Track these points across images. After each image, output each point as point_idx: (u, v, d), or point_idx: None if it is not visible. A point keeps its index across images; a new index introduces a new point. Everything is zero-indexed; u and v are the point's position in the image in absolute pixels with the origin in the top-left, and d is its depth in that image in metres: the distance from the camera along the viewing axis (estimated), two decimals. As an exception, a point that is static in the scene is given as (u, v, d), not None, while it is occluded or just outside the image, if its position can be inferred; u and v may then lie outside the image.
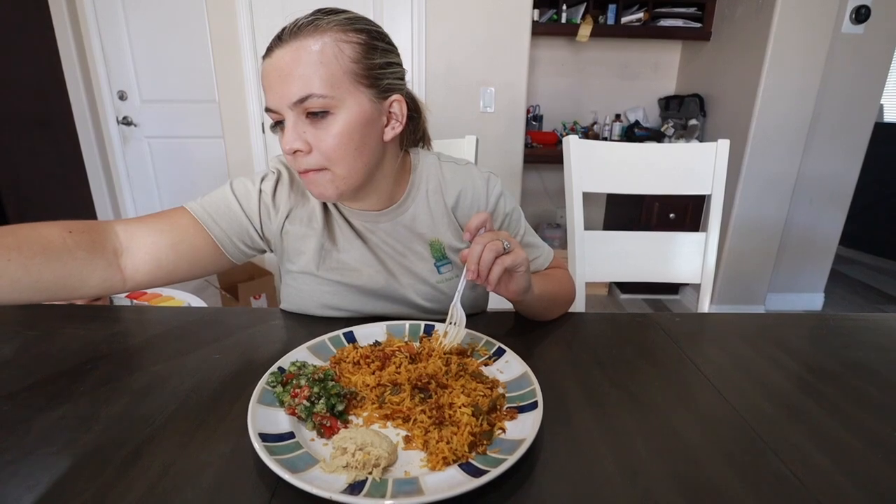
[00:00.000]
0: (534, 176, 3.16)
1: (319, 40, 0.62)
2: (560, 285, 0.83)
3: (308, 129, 0.65)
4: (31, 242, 0.58)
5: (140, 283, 0.68)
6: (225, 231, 0.74)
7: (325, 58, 0.62)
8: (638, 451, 0.50)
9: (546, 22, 2.76)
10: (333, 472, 0.45)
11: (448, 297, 0.80)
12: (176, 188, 3.21)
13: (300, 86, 0.62)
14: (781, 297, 2.81)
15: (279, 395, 0.55)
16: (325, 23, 0.63)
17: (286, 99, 0.63)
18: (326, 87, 0.63)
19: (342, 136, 0.65)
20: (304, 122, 0.64)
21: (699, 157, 1.15)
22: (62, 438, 0.51)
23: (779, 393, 0.62)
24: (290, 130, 0.64)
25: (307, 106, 0.63)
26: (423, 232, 0.80)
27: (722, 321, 0.85)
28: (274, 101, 0.64)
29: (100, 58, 2.91)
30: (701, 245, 1.17)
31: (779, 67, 2.29)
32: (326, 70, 0.62)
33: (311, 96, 0.62)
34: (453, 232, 0.81)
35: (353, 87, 0.65)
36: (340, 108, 0.64)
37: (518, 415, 0.53)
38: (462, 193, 0.80)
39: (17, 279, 0.56)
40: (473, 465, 0.46)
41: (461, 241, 0.81)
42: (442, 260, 0.81)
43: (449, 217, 0.80)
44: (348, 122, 0.65)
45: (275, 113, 0.65)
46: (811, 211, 2.65)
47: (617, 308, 2.85)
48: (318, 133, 0.64)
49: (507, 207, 0.83)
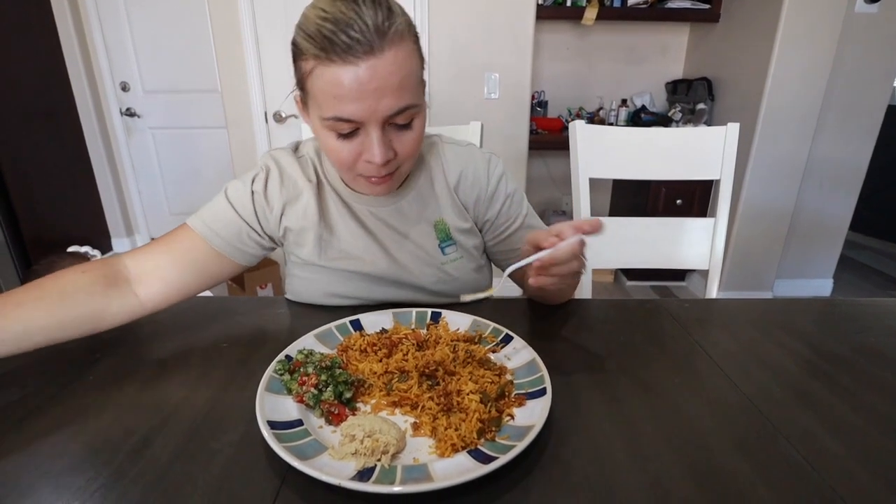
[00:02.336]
0: (539, 162, 3.13)
1: (406, 46, 0.60)
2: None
3: (394, 137, 0.64)
4: (52, 290, 0.63)
5: (158, 305, 0.71)
6: (227, 240, 0.74)
7: (413, 65, 0.62)
8: (648, 438, 0.50)
9: (551, 5, 2.72)
10: (342, 459, 0.45)
11: (454, 279, 0.81)
12: (180, 178, 3.22)
13: (399, 98, 0.60)
14: (790, 282, 2.79)
15: (287, 382, 0.55)
16: (401, 25, 0.59)
17: (382, 112, 0.60)
18: (418, 96, 0.63)
19: (419, 139, 0.67)
20: (389, 130, 0.64)
21: (708, 141, 1.13)
22: (74, 426, 0.51)
23: (789, 378, 0.61)
24: (378, 143, 0.62)
25: (399, 118, 0.62)
26: (426, 213, 0.80)
27: (731, 307, 0.85)
28: (362, 114, 0.60)
29: (101, 49, 2.90)
30: (709, 231, 1.16)
31: (790, 49, 2.24)
32: (415, 78, 0.62)
33: (408, 108, 0.62)
34: (457, 212, 0.81)
35: (422, 90, 0.66)
36: (420, 113, 0.66)
37: (526, 401, 0.53)
38: (463, 174, 0.80)
39: (45, 325, 0.61)
40: (482, 452, 0.46)
41: (465, 221, 0.81)
42: (447, 241, 0.81)
43: (452, 198, 0.80)
44: (423, 123, 0.67)
45: (350, 123, 0.61)
46: (821, 195, 2.61)
47: (623, 295, 2.84)
48: (402, 139, 0.65)
49: (509, 188, 0.82)
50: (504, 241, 0.84)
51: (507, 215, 0.82)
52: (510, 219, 0.82)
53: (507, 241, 0.84)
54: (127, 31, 2.87)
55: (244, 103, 2.60)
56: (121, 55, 2.93)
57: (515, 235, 0.83)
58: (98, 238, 3.13)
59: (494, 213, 0.82)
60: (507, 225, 0.83)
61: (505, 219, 0.82)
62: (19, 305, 0.60)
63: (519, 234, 0.83)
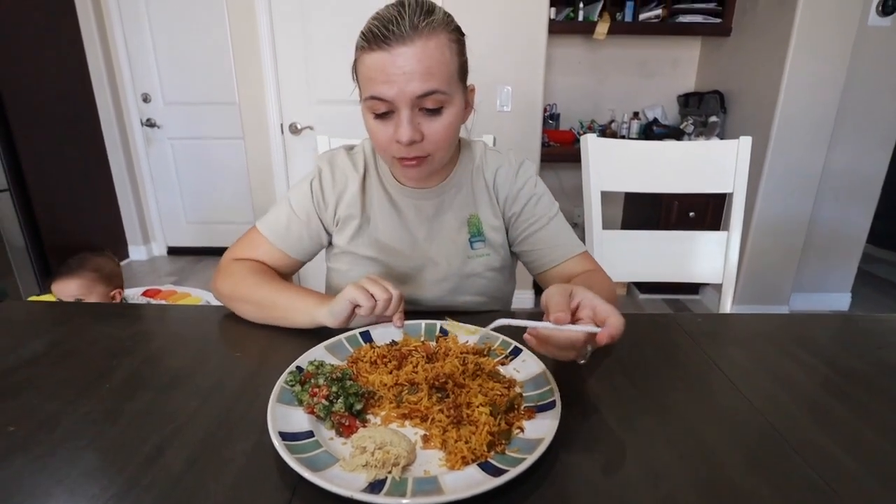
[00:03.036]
0: (550, 175, 3.13)
1: (437, 39, 0.67)
2: (608, 294, 0.75)
3: (423, 121, 0.70)
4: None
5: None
6: (294, 242, 0.86)
7: (445, 57, 0.68)
8: (660, 455, 0.49)
9: (562, 20, 2.74)
10: (353, 471, 0.45)
11: (478, 277, 0.85)
12: (197, 188, 3.28)
13: (425, 81, 0.66)
14: (806, 296, 2.74)
15: (298, 394, 0.55)
16: (436, 23, 0.67)
17: (409, 93, 0.67)
18: (445, 84, 0.68)
19: (449, 128, 0.72)
20: (418, 114, 0.70)
21: (720, 154, 1.13)
22: (89, 433, 0.52)
23: (805, 395, 0.60)
24: (406, 122, 0.68)
25: (427, 101, 0.68)
26: (463, 208, 0.85)
27: (745, 322, 0.84)
28: (392, 94, 0.67)
29: (125, 61, 2.98)
30: (722, 244, 1.15)
31: (802, 62, 2.23)
32: (446, 68, 0.68)
33: (435, 92, 0.67)
34: (492, 210, 0.86)
35: (458, 85, 0.72)
36: (451, 104, 0.71)
37: (536, 414, 0.53)
38: (497, 172, 0.86)
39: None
40: (492, 465, 0.46)
41: (497, 218, 0.86)
42: (477, 236, 0.86)
43: (490, 195, 0.86)
44: (455, 115, 0.72)
45: (386, 103, 0.68)
46: (837, 208, 2.58)
47: (636, 308, 2.81)
48: (431, 125, 0.71)
49: (537, 189, 0.87)
50: (527, 240, 0.87)
51: (531, 213, 0.86)
52: (534, 217, 0.86)
53: (531, 239, 0.87)
54: (150, 44, 2.95)
55: (261, 115, 2.64)
56: (143, 67, 3.01)
57: (538, 235, 0.86)
58: (116, 245, 3.19)
59: (519, 209, 0.86)
60: (531, 223, 0.86)
61: (528, 215, 0.86)
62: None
63: (542, 234, 0.86)
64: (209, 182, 3.25)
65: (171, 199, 3.32)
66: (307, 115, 2.61)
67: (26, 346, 0.70)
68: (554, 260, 0.85)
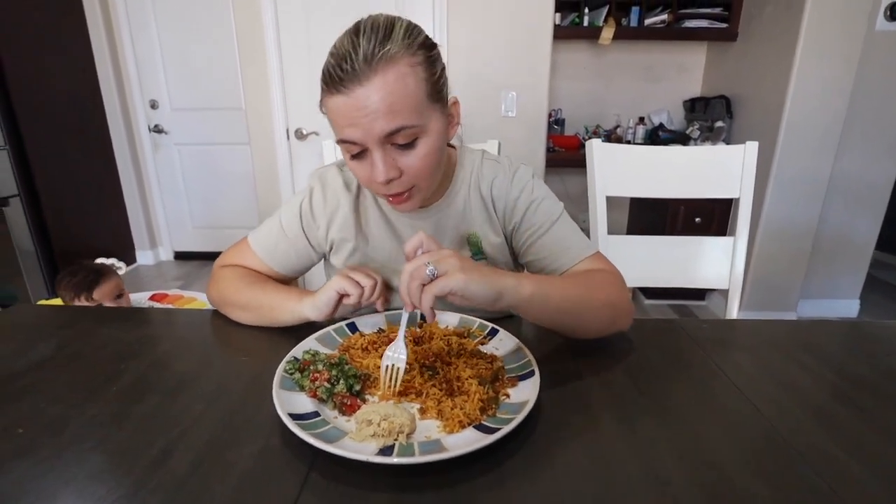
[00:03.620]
0: (555, 180, 3.13)
1: (397, 70, 0.61)
2: (589, 290, 0.70)
3: (397, 156, 0.66)
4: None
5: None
6: (282, 260, 0.85)
7: (408, 88, 0.62)
8: (664, 460, 0.49)
9: (568, 25, 2.75)
10: (363, 441, 0.49)
11: None
12: (203, 193, 3.30)
13: (390, 120, 0.62)
14: (814, 303, 2.72)
15: (298, 380, 0.59)
16: (395, 50, 0.61)
17: (376, 134, 0.63)
18: (414, 116, 0.63)
19: (429, 156, 0.67)
20: (391, 150, 0.65)
21: (727, 159, 1.12)
22: (96, 435, 0.52)
23: (812, 402, 0.60)
24: (380, 162, 0.65)
25: (397, 137, 0.64)
26: (462, 226, 0.82)
27: (751, 328, 0.83)
28: (359, 136, 0.63)
29: (133, 68, 3.01)
30: (729, 250, 1.15)
31: (810, 67, 2.22)
32: (411, 100, 0.63)
33: (402, 129, 0.63)
34: (491, 226, 0.82)
35: (431, 107, 0.66)
36: (425, 133, 0.66)
37: (518, 382, 0.59)
38: (493, 183, 0.82)
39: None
40: (486, 426, 0.51)
41: (497, 235, 0.82)
42: (479, 254, 0.83)
43: (488, 210, 0.82)
44: (432, 143, 0.67)
45: (356, 145, 0.65)
46: (845, 214, 2.56)
47: (641, 313, 2.80)
48: (406, 159, 0.66)
49: (535, 194, 0.81)
50: (531, 249, 0.81)
51: (531, 221, 0.80)
52: (535, 224, 0.80)
53: (535, 248, 0.80)
54: (157, 51, 2.98)
55: (267, 121, 2.66)
56: (151, 74, 3.04)
57: (542, 242, 0.80)
58: (123, 250, 3.21)
59: (519, 219, 0.81)
60: (533, 231, 0.80)
61: (529, 224, 0.80)
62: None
63: (546, 240, 0.80)
64: (215, 187, 3.28)
65: (178, 204, 3.35)
66: (312, 120, 2.63)
67: (35, 349, 0.71)
68: (560, 267, 0.78)
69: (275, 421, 0.52)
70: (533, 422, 0.53)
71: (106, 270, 1.64)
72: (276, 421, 0.52)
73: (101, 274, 1.60)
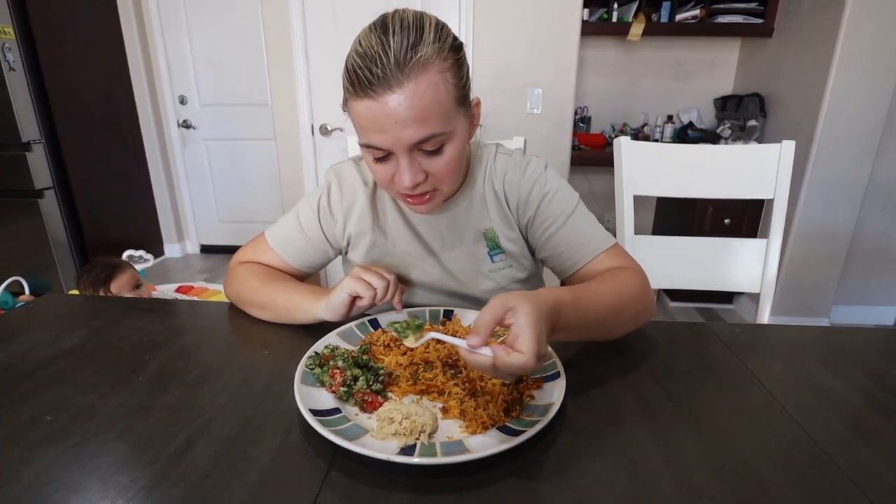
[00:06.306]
0: (580, 178, 3.09)
1: (428, 77, 0.59)
2: (616, 294, 0.68)
3: (423, 161, 0.66)
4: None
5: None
6: (299, 255, 0.85)
7: (440, 95, 0.61)
8: (696, 469, 0.47)
9: (596, 21, 2.70)
10: (384, 440, 0.48)
11: (501, 289, 0.82)
12: (230, 187, 3.35)
13: (419, 128, 0.61)
14: (849, 309, 2.62)
15: (319, 375, 0.58)
16: (427, 55, 0.59)
17: (405, 141, 0.62)
18: (443, 123, 0.62)
19: (454, 160, 0.67)
20: (417, 155, 0.65)
21: (760, 159, 1.08)
22: (121, 425, 0.53)
23: (851, 412, 0.57)
24: (407, 169, 0.64)
25: (426, 145, 0.63)
26: (478, 222, 0.81)
27: (785, 333, 0.80)
28: (387, 143, 0.62)
29: (163, 65, 3.07)
30: (761, 252, 1.11)
31: (849, 64, 2.13)
32: (442, 107, 0.61)
33: (431, 137, 0.62)
34: (505, 221, 0.81)
35: (458, 112, 0.65)
36: (452, 139, 0.65)
37: (543, 384, 0.58)
38: (506, 178, 0.80)
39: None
40: (510, 427, 0.50)
41: (512, 229, 0.81)
42: (495, 249, 0.82)
43: (501, 206, 0.81)
44: (458, 146, 0.67)
45: (381, 150, 0.64)
46: (884, 218, 2.45)
47: (666, 316, 2.74)
48: (432, 163, 0.66)
49: (548, 186, 0.78)
50: (547, 244, 0.79)
51: (546, 214, 0.78)
52: (550, 218, 0.78)
53: (551, 242, 0.79)
54: (187, 48, 3.04)
55: (292, 116, 2.68)
56: (180, 70, 3.10)
57: (558, 236, 0.78)
58: (151, 243, 3.29)
59: (533, 213, 0.79)
60: (548, 224, 0.78)
61: (543, 217, 0.78)
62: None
63: (562, 234, 0.78)
64: (242, 182, 3.32)
65: (205, 198, 3.41)
66: (337, 116, 2.63)
67: (65, 338, 0.72)
68: (578, 262, 0.76)
69: (296, 416, 0.52)
70: (558, 425, 0.52)
71: (120, 264, 1.67)
72: (298, 416, 0.51)
73: (115, 268, 1.63)
